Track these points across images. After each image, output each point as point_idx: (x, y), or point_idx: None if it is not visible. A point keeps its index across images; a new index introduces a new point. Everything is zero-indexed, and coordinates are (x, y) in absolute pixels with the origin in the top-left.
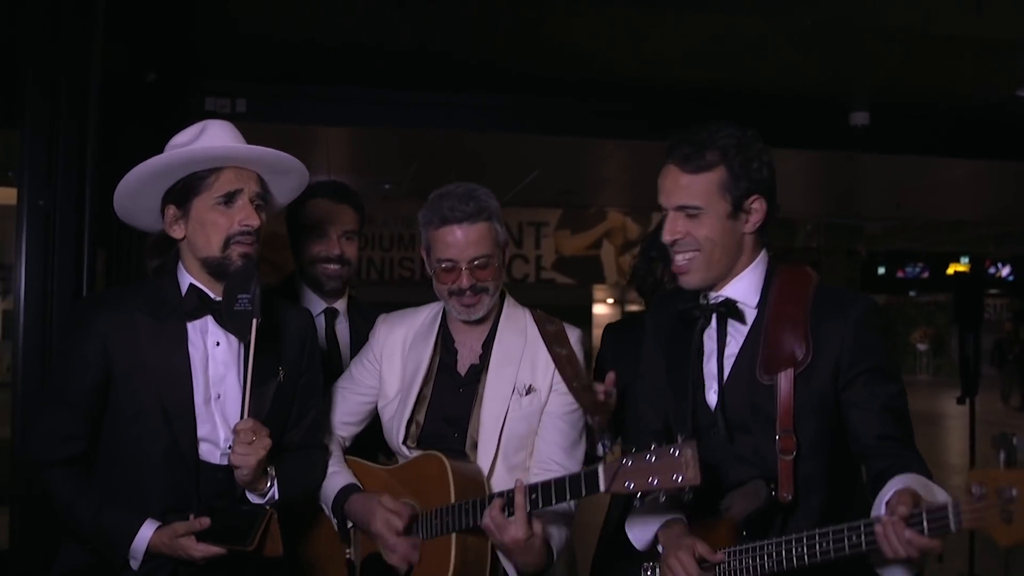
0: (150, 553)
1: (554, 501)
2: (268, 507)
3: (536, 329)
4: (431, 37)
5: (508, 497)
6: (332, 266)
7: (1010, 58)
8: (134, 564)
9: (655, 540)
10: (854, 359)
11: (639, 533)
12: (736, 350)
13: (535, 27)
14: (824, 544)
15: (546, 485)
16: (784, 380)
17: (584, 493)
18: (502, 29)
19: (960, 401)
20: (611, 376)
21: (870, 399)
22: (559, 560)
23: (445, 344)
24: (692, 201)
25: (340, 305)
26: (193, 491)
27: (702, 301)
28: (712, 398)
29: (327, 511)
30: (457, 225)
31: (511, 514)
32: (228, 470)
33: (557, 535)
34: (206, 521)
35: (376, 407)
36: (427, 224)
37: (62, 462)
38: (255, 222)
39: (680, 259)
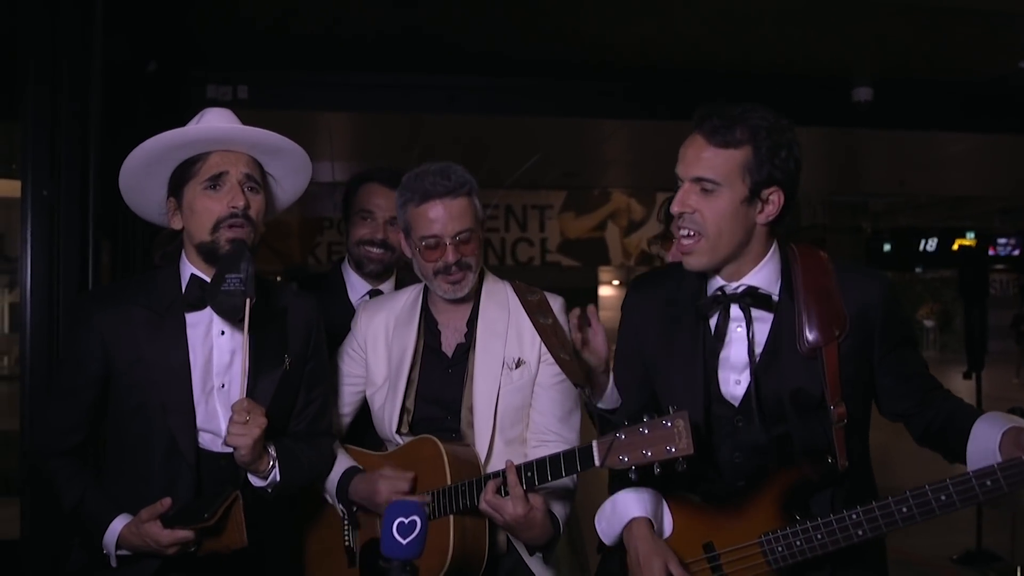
0: (123, 548)
1: (550, 478)
2: (236, 491)
3: (518, 301)
4: (432, 21)
5: (502, 477)
6: (375, 250)
7: (1013, 31)
8: (112, 561)
9: (621, 537)
10: (889, 331)
11: (607, 528)
12: (764, 336)
13: (534, 8)
14: (943, 497)
15: (541, 462)
16: (829, 351)
17: (580, 468)
18: (502, 11)
19: (966, 376)
20: (590, 308)
21: (909, 365)
22: (563, 534)
23: (428, 326)
24: (711, 175)
25: (387, 287)
26: (195, 481)
27: (715, 291)
28: (735, 390)
29: (331, 498)
30: (439, 200)
31: (506, 493)
32: (230, 457)
33: (560, 507)
34: (167, 502)
35: (365, 396)
36: (407, 203)
37: (61, 454)
38: (240, 202)
39: (685, 238)
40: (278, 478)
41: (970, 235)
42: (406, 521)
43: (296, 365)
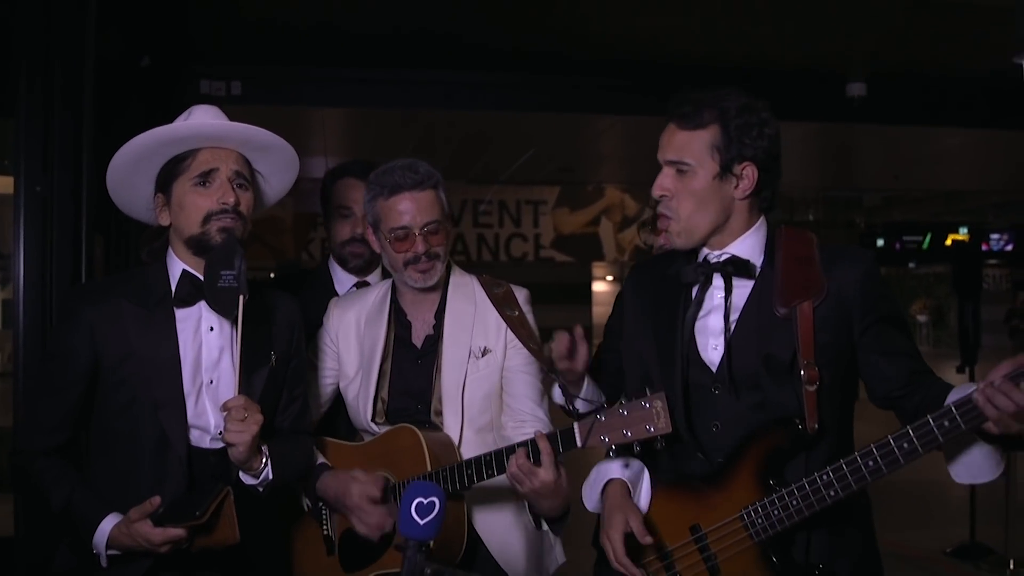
0: (113, 548)
1: (530, 460)
2: (226, 487)
3: (484, 294)
4: (429, 16)
5: (529, 446)
6: (358, 246)
7: (1007, 25)
8: (102, 561)
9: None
10: (870, 306)
11: (589, 492)
12: (742, 302)
13: (532, 3)
14: (905, 445)
15: (522, 445)
16: (803, 312)
17: (561, 450)
18: (500, 6)
19: (959, 370)
20: (578, 330)
21: (893, 344)
22: None
23: (398, 319)
24: (682, 157)
25: (373, 279)
26: (185, 478)
27: (700, 260)
28: (712, 355)
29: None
30: (408, 192)
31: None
32: (219, 454)
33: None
34: (156, 500)
35: (338, 388)
36: (376, 197)
37: (47, 452)
38: (231, 199)
39: (664, 220)
40: (271, 476)
41: (963, 230)
42: (425, 501)
43: (281, 363)
